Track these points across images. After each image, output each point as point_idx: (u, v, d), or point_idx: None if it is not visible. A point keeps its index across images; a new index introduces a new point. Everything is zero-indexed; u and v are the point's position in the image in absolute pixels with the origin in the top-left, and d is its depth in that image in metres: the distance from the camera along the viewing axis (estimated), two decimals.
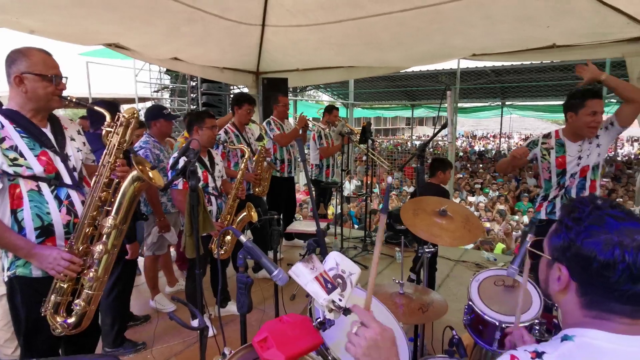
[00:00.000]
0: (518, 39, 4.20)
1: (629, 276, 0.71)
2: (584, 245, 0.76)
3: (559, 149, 2.70)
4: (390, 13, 3.89)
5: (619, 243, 0.72)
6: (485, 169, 14.52)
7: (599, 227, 0.75)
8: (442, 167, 3.35)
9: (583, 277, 0.78)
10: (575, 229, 0.78)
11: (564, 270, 0.81)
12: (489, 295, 1.64)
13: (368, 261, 4.33)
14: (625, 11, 3.39)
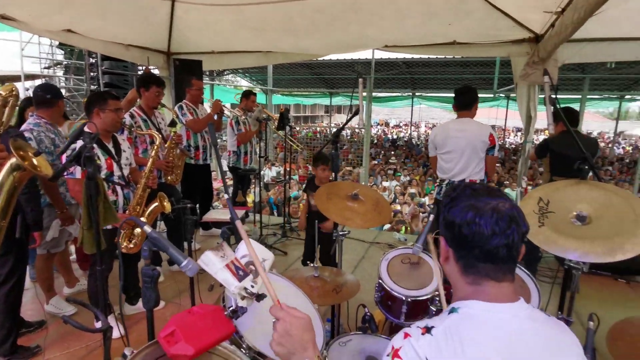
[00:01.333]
0: (425, 33, 4.49)
1: (482, 234, 0.82)
2: (450, 213, 0.88)
3: None
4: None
5: (473, 206, 0.84)
6: (397, 155, 15.46)
7: (462, 199, 0.87)
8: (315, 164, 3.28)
9: (454, 242, 0.89)
10: (446, 204, 0.90)
11: (443, 241, 0.92)
12: (397, 273, 1.77)
13: (287, 247, 4.38)
14: (511, 15, 3.82)
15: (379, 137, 23.82)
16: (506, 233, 0.81)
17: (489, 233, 0.82)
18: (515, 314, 0.83)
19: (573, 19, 2.93)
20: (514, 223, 0.82)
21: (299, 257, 3.90)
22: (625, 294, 3.56)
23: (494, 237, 0.82)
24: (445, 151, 3.19)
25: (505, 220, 0.82)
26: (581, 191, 1.54)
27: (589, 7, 2.61)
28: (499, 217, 0.82)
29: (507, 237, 0.82)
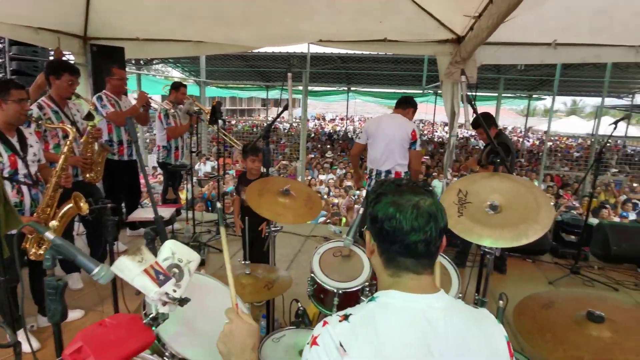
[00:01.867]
0: (357, 29, 4.59)
1: (401, 229, 0.86)
2: (374, 209, 0.92)
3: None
4: None
5: (395, 203, 0.88)
6: (333, 149, 15.74)
7: (386, 195, 0.91)
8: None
9: (377, 237, 0.92)
10: (372, 199, 0.94)
11: (368, 234, 0.95)
12: (329, 265, 1.80)
13: (221, 244, 4.26)
14: (436, 17, 4.04)
15: (316, 131, 24.04)
16: (424, 229, 0.86)
17: (408, 229, 0.86)
18: (431, 305, 0.87)
19: (488, 24, 3.17)
20: (432, 220, 0.86)
21: (234, 253, 3.82)
22: (532, 272, 3.99)
23: (413, 233, 0.86)
24: (374, 140, 3.49)
25: (424, 217, 0.86)
26: (494, 183, 1.70)
27: (501, 14, 2.83)
28: (418, 213, 0.86)
29: (425, 233, 0.86)
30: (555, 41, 3.96)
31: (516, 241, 1.47)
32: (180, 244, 1.07)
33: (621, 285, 3.65)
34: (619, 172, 11.18)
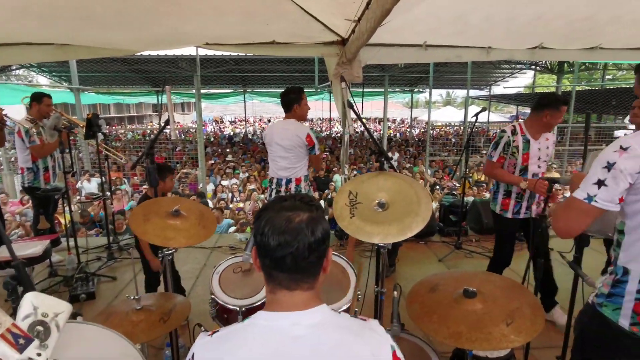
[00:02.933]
0: (246, 32, 4.51)
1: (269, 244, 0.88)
2: (255, 224, 0.93)
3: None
4: None
5: (269, 218, 0.90)
6: (234, 152, 15.38)
7: (267, 211, 0.92)
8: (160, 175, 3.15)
9: (258, 252, 0.93)
10: (257, 216, 0.94)
11: (253, 252, 0.95)
12: (230, 283, 1.74)
13: (117, 270, 3.85)
14: (321, 20, 4.17)
15: (215, 135, 23.23)
16: (291, 244, 0.86)
17: (275, 244, 0.86)
18: (297, 322, 0.87)
19: (367, 27, 3.38)
20: (301, 235, 0.87)
21: (130, 280, 3.48)
22: (424, 252, 4.44)
23: (279, 248, 0.86)
24: (270, 149, 3.40)
25: (292, 233, 0.87)
26: (380, 181, 1.82)
27: (377, 19, 3.04)
28: (287, 229, 0.87)
29: (291, 247, 0.86)
30: (425, 42, 4.40)
31: (402, 235, 1.59)
32: (44, 295, 0.92)
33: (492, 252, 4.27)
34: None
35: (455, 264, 4.08)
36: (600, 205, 1.24)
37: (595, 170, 1.26)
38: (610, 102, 14.16)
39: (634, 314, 1.25)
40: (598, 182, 1.24)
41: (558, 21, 3.60)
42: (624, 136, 1.25)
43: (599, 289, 1.37)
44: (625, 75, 20.57)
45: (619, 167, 1.20)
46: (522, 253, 3.76)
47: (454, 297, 1.42)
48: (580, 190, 1.28)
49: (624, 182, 1.20)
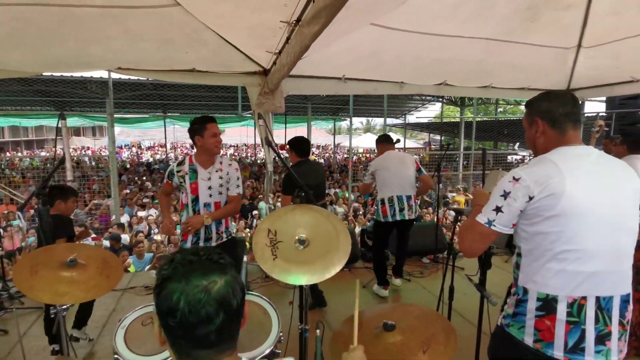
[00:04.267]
0: (163, 58, 4.33)
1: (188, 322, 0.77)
2: (158, 298, 0.80)
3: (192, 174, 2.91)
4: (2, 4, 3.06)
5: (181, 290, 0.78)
6: (153, 180, 14.45)
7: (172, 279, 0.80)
8: (61, 196, 3.02)
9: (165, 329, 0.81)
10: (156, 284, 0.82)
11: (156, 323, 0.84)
12: (139, 338, 1.56)
13: (9, 322, 3.30)
14: (242, 50, 4.18)
15: (132, 161, 21.70)
16: (214, 320, 0.78)
17: (195, 321, 0.77)
18: None
19: (287, 60, 3.46)
20: (223, 306, 0.79)
21: (24, 332, 3.00)
22: (349, 279, 4.51)
23: (201, 325, 0.77)
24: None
25: (213, 305, 0.78)
26: (297, 216, 1.80)
27: (296, 53, 3.13)
28: (207, 301, 0.77)
29: (215, 323, 0.78)
30: (344, 76, 4.63)
31: (327, 273, 1.58)
32: None
33: (412, 275, 4.49)
34: None
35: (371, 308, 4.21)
36: (498, 229, 1.39)
37: (495, 197, 1.41)
38: (502, 131, 16.20)
39: (536, 331, 1.36)
40: (496, 208, 1.38)
41: (456, 63, 4.05)
42: (518, 168, 1.41)
43: (505, 310, 1.49)
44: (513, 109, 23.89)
45: (513, 195, 1.35)
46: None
47: (375, 332, 1.44)
48: (482, 215, 1.42)
49: (516, 209, 1.35)
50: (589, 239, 1.31)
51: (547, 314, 1.34)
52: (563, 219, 1.30)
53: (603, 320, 1.33)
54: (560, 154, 1.39)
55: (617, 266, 1.36)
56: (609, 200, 1.34)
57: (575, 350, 1.31)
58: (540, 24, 3.23)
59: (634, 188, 1.40)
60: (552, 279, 1.34)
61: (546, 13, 3.11)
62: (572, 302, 1.32)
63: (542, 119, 1.46)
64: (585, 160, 1.38)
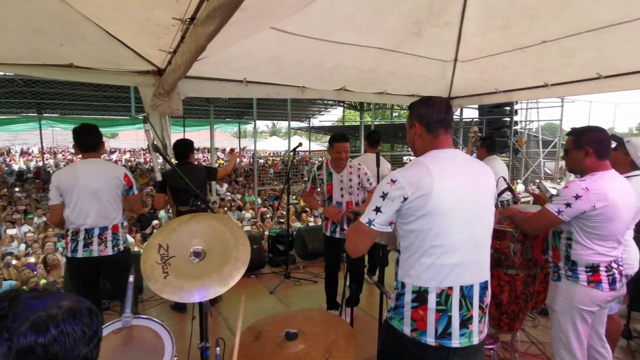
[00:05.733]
0: (33, 52, 3.75)
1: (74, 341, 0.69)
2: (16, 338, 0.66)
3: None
4: None
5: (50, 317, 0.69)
6: (28, 191, 12.47)
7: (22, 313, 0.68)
8: None
9: None
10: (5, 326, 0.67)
11: None
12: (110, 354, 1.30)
13: None
14: (131, 47, 3.82)
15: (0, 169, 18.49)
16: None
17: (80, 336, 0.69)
18: None
19: (183, 60, 3.26)
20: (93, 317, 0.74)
21: None
22: (255, 285, 4.44)
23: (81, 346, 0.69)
24: (73, 196, 2.73)
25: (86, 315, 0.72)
26: (193, 227, 1.67)
27: (192, 53, 2.96)
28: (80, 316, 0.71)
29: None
30: (246, 79, 4.53)
31: (225, 286, 1.50)
32: None
33: (319, 277, 4.57)
34: None
35: (286, 294, 4.20)
36: (377, 228, 1.47)
37: (375, 198, 1.49)
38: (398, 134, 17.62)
39: (412, 321, 1.47)
40: (376, 208, 1.47)
41: (353, 70, 4.26)
42: (396, 171, 1.51)
43: (389, 305, 1.58)
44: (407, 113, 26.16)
45: (390, 196, 1.44)
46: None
47: (277, 342, 1.41)
48: (365, 215, 1.50)
49: (393, 209, 1.44)
50: (453, 234, 1.44)
51: (420, 305, 1.45)
52: (432, 217, 1.41)
53: (466, 306, 1.46)
54: (432, 157, 1.51)
55: (476, 257, 1.49)
56: (469, 198, 1.47)
57: (444, 335, 1.44)
58: (424, 38, 3.56)
59: (489, 186, 1.59)
60: (424, 272, 1.45)
61: (429, 29, 3.44)
62: (440, 292, 1.44)
63: (420, 123, 1.57)
64: (452, 162, 1.51)
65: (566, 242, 2.10)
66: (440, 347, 1.43)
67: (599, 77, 3.90)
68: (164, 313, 3.81)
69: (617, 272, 2.07)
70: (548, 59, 3.78)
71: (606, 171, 2.05)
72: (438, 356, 1.44)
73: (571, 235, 2.07)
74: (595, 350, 2.25)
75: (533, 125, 14.54)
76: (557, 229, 2.14)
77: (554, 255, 2.18)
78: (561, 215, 2.01)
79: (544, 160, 13.50)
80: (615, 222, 1.98)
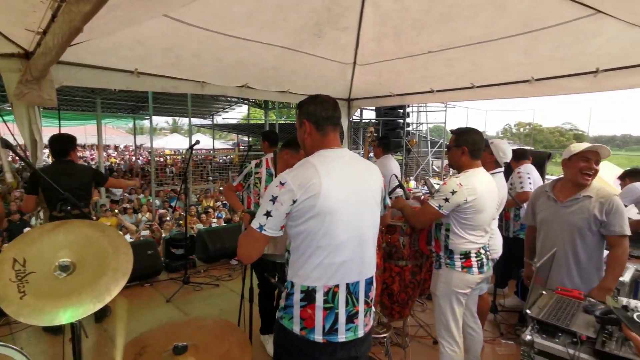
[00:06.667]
0: None
1: None
2: None
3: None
4: None
5: None
6: None
7: None
8: None
9: None
10: None
11: None
12: None
13: None
14: None
15: None
16: None
17: None
18: None
19: (55, 43, 2.83)
20: None
21: None
22: (150, 294, 4.10)
23: None
24: None
25: None
26: (59, 236, 1.42)
27: (65, 35, 2.58)
28: None
29: None
30: (137, 70, 4.13)
31: (100, 302, 1.30)
32: None
33: (220, 280, 4.41)
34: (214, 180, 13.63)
35: (186, 300, 3.94)
36: (268, 233, 1.44)
37: (265, 202, 1.45)
38: None
39: (301, 320, 1.48)
40: (267, 213, 1.43)
41: (255, 67, 4.18)
42: (284, 172, 1.49)
43: (280, 304, 1.56)
44: None
45: (280, 199, 1.42)
46: None
47: (163, 357, 1.29)
48: (255, 220, 1.45)
49: (283, 212, 1.42)
50: (340, 234, 1.46)
51: (308, 304, 1.47)
52: (320, 217, 1.42)
53: (352, 302, 1.51)
54: (320, 156, 1.52)
55: (361, 254, 1.54)
56: (355, 196, 1.51)
57: (331, 332, 1.48)
58: (325, 40, 3.65)
59: (376, 184, 1.65)
60: (312, 272, 1.46)
61: (329, 31, 3.53)
62: (328, 290, 1.47)
63: (309, 121, 1.57)
64: (339, 162, 1.53)
65: (445, 233, 2.33)
66: (328, 343, 1.47)
67: (473, 86, 4.44)
68: (36, 336, 3.28)
69: (484, 257, 2.37)
70: (433, 68, 4.18)
71: (477, 169, 2.32)
72: (326, 352, 1.47)
73: (449, 226, 2.30)
74: (469, 327, 2.55)
75: (423, 127, 16.04)
76: (439, 222, 2.37)
77: (436, 245, 2.41)
78: (441, 210, 2.23)
79: (432, 159, 14.98)
80: (483, 213, 2.27)
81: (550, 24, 2.93)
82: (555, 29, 2.95)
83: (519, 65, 3.77)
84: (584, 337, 1.61)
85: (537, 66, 3.73)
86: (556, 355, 1.60)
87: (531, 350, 1.67)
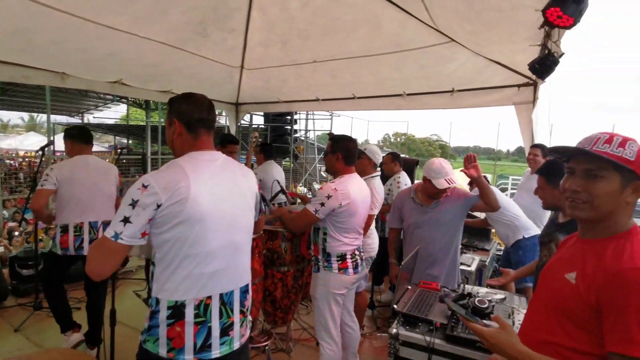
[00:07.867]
0: None
1: None
2: None
3: None
4: None
5: None
6: None
7: None
8: None
9: None
10: None
11: None
12: None
13: None
14: None
15: None
16: None
17: None
18: None
19: None
20: None
21: None
22: None
23: None
24: None
25: None
26: None
27: None
28: None
29: None
30: None
31: None
32: None
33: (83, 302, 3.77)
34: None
35: (38, 329, 3.32)
36: (126, 242, 1.26)
37: (123, 207, 1.27)
38: None
39: (168, 340, 1.33)
40: (125, 219, 1.26)
41: (132, 62, 3.80)
42: (148, 174, 1.34)
43: (144, 325, 1.38)
44: None
45: (141, 203, 1.26)
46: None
47: None
48: (110, 228, 1.26)
49: (145, 218, 1.27)
50: (210, 241, 1.36)
51: (177, 321, 1.33)
52: (188, 224, 1.31)
53: (226, 313, 1.42)
54: (191, 158, 1.41)
55: (235, 262, 1.46)
56: (228, 202, 1.42)
57: (204, 349, 1.35)
58: (211, 40, 3.50)
59: (250, 190, 1.57)
60: (180, 284, 1.33)
61: (215, 32, 3.39)
62: (199, 303, 1.35)
63: (180, 121, 1.45)
64: (212, 165, 1.43)
65: (323, 236, 2.42)
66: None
67: (354, 97, 4.76)
68: None
69: (359, 258, 2.53)
70: (318, 77, 4.35)
71: (350, 174, 2.44)
72: None
73: (326, 230, 2.40)
74: (346, 325, 2.68)
75: (310, 134, 16.61)
76: (316, 226, 2.44)
77: (315, 249, 2.48)
78: (317, 214, 2.29)
79: (319, 165, 15.59)
80: (356, 216, 2.42)
81: (416, 46, 3.30)
82: (420, 51, 3.34)
83: (392, 80, 4.16)
84: (438, 324, 1.83)
85: (407, 82, 4.17)
86: (417, 343, 1.78)
87: (396, 342, 1.83)
